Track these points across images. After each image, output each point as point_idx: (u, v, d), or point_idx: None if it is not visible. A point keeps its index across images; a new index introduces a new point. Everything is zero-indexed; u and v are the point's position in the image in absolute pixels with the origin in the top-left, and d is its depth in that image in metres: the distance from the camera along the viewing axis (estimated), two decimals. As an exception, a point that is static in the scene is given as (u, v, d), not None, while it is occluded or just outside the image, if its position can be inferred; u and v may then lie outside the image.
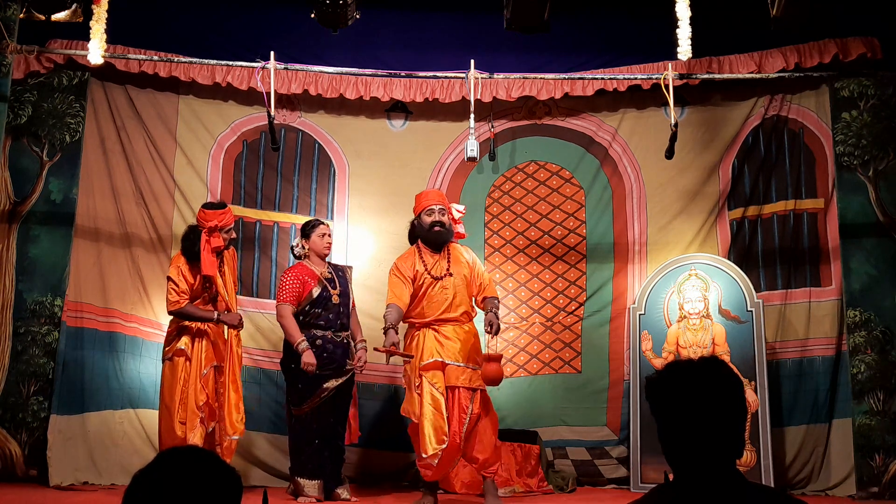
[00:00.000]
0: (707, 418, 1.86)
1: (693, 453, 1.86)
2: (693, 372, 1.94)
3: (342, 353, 5.60)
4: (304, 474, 5.45)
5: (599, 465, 6.42)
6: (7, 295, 6.02)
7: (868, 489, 5.77)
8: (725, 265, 6.37)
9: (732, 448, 1.88)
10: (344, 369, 5.57)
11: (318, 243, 5.71)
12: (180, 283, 5.47)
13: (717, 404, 1.88)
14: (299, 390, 5.51)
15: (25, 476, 5.81)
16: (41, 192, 6.16)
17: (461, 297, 5.41)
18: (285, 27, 6.43)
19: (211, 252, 5.48)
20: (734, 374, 1.95)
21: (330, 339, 5.57)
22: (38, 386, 5.95)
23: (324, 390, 5.48)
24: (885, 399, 5.87)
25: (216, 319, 5.49)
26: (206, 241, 5.48)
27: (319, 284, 5.63)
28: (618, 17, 6.53)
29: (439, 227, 5.47)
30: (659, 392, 1.94)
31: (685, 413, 1.88)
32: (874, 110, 6.16)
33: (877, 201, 6.08)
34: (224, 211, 5.61)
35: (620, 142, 6.85)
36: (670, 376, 1.95)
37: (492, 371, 5.16)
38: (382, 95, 6.58)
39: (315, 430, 5.49)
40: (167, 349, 5.54)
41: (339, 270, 5.84)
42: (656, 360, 6.31)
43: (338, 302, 5.64)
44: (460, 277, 5.43)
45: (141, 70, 6.32)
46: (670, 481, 1.90)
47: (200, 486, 1.62)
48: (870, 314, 5.98)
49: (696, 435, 1.86)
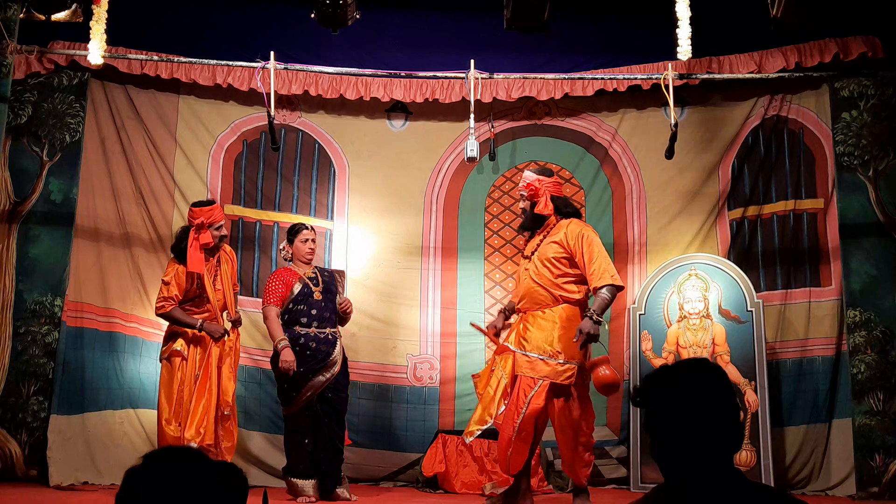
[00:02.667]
0: (697, 417, 1.85)
1: (688, 454, 1.85)
2: (678, 372, 1.93)
3: (327, 348, 5.56)
4: (297, 474, 5.44)
5: (599, 465, 6.41)
6: (7, 295, 6.02)
7: (868, 489, 5.77)
8: (725, 265, 6.37)
9: (728, 445, 1.87)
10: (328, 362, 5.51)
11: (300, 248, 5.72)
12: (171, 288, 5.48)
13: (706, 402, 1.87)
14: (285, 389, 5.51)
15: (25, 476, 5.82)
16: (41, 192, 6.17)
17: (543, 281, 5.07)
18: (285, 27, 6.43)
19: (199, 249, 5.48)
20: (720, 371, 1.95)
21: (314, 335, 5.54)
22: (38, 386, 5.95)
23: (309, 388, 5.45)
24: (885, 399, 5.87)
25: (199, 327, 5.48)
26: (193, 238, 5.48)
27: (300, 282, 5.64)
28: (618, 17, 6.53)
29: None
30: (647, 398, 1.93)
31: (675, 415, 1.87)
32: (874, 110, 6.16)
33: (877, 201, 6.07)
34: (211, 207, 5.61)
35: (620, 142, 6.85)
36: (655, 381, 1.94)
37: (597, 378, 4.86)
38: (382, 96, 6.58)
39: (305, 429, 5.47)
40: (164, 349, 5.56)
41: (326, 273, 5.83)
42: (656, 360, 6.31)
43: (320, 298, 5.62)
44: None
45: (141, 71, 6.32)
46: (665, 483, 1.90)
47: (203, 485, 1.61)
48: (870, 314, 5.98)
49: (689, 435, 1.85)
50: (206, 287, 5.54)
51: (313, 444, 5.47)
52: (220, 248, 5.70)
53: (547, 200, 5.11)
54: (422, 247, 6.81)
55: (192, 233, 5.51)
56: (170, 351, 5.49)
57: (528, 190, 5.17)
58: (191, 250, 5.46)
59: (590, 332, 4.78)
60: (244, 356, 6.31)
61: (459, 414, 6.50)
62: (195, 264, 5.46)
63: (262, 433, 6.33)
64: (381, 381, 6.58)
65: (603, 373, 4.82)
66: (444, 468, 6.01)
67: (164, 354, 5.53)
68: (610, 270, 4.93)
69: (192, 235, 5.49)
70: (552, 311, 4.97)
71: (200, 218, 5.51)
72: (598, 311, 4.83)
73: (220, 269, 5.66)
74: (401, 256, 6.80)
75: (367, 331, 6.65)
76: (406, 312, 6.73)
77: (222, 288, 5.66)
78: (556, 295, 5.00)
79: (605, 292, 4.87)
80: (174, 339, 5.50)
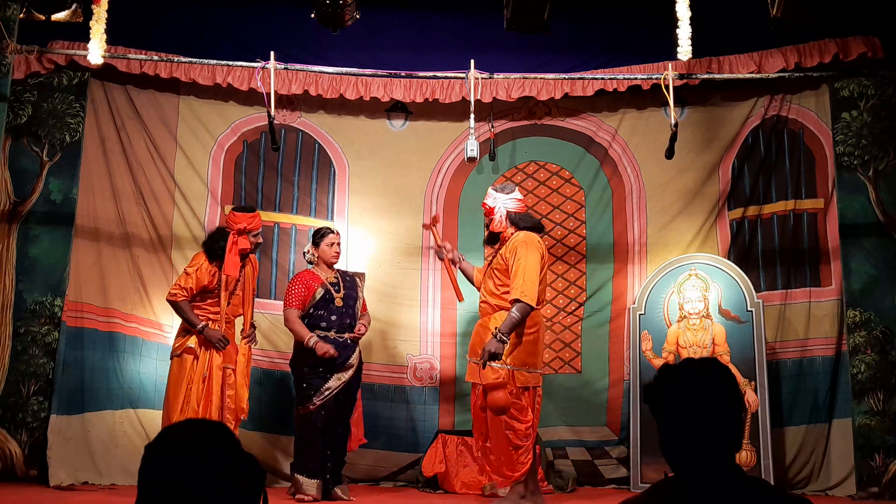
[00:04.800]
0: (705, 414, 1.92)
1: (693, 450, 1.91)
2: (688, 370, 1.99)
3: (346, 352, 5.66)
4: (305, 472, 5.50)
5: (599, 465, 6.42)
6: (7, 295, 6.02)
7: (868, 489, 5.77)
8: (725, 265, 6.37)
9: (731, 442, 1.93)
10: (346, 366, 5.61)
11: (326, 252, 5.80)
12: (190, 280, 5.51)
13: (714, 400, 1.93)
14: (303, 389, 5.60)
15: (25, 476, 5.81)
16: (41, 192, 6.16)
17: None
18: (285, 27, 6.43)
19: (237, 254, 5.55)
20: (728, 371, 2.01)
21: (332, 339, 5.63)
22: (38, 386, 5.95)
23: (327, 389, 5.55)
24: (885, 399, 5.87)
25: (200, 329, 5.50)
26: (233, 243, 5.55)
27: (323, 287, 5.72)
28: (618, 17, 6.53)
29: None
30: (657, 393, 1.98)
31: (684, 411, 1.93)
32: (874, 110, 6.16)
33: (877, 201, 6.07)
34: (253, 215, 5.69)
35: (620, 142, 6.85)
36: (667, 377, 1.99)
37: (491, 398, 5.08)
38: (382, 95, 6.58)
39: (319, 429, 5.54)
40: (176, 346, 5.56)
41: (348, 276, 5.92)
42: (656, 360, 6.31)
43: (341, 304, 5.72)
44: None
45: (141, 70, 6.32)
46: (670, 477, 1.95)
47: (225, 461, 1.59)
48: (870, 314, 5.98)
49: (695, 431, 1.91)
50: (221, 293, 5.56)
51: (324, 445, 5.55)
52: (250, 256, 5.74)
53: (502, 218, 5.30)
54: (422, 247, 6.80)
55: (231, 236, 5.56)
56: (183, 347, 5.49)
57: (484, 208, 5.45)
58: (229, 255, 5.53)
59: (489, 351, 4.95)
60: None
61: (459, 414, 6.51)
62: (232, 268, 5.53)
63: (262, 433, 6.32)
64: (381, 381, 6.58)
65: (499, 395, 5.00)
66: (444, 468, 6.01)
67: (177, 351, 5.52)
68: (523, 287, 5.02)
69: (232, 239, 5.55)
70: (492, 319, 5.17)
71: (242, 223, 5.58)
72: (503, 330, 4.98)
73: (245, 277, 5.71)
74: (401, 256, 6.80)
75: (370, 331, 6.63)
76: (406, 312, 6.73)
77: (242, 294, 5.70)
78: (494, 304, 5.22)
79: (515, 310, 5.02)
80: (188, 335, 5.51)
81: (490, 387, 5.03)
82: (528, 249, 5.12)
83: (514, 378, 5.06)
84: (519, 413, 5.08)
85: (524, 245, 5.14)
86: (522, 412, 5.09)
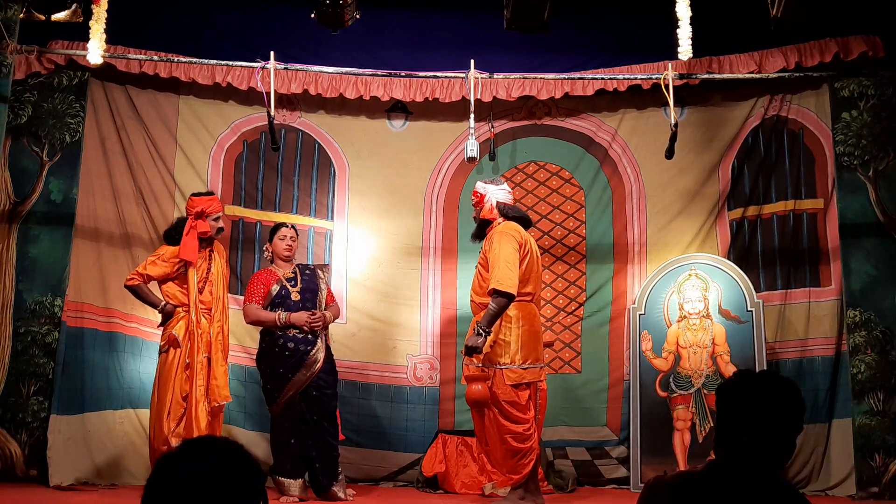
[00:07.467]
0: (783, 427, 2.12)
1: (759, 454, 2.09)
2: (778, 385, 2.18)
3: (306, 347, 5.56)
4: (283, 473, 5.48)
5: (599, 465, 6.42)
6: (7, 295, 6.02)
7: (868, 489, 5.77)
8: (725, 265, 6.37)
9: (788, 454, 2.16)
10: (308, 361, 5.52)
11: (278, 246, 5.76)
12: (149, 266, 5.49)
13: (793, 417, 2.14)
14: (268, 391, 5.58)
15: (25, 476, 5.81)
16: (41, 192, 6.16)
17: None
18: (285, 27, 6.43)
19: (194, 238, 5.47)
20: (801, 394, 2.19)
21: (291, 336, 5.56)
22: (38, 386, 5.95)
23: (291, 387, 5.48)
24: (885, 399, 5.87)
25: (160, 308, 5.50)
26: (191, 227, 5.48)
27: (278, 284, 5.68)
28: (618, 17, 6.53)
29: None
30: (734, 398, 2.16)
31: (769, 419, 2.10)
32: (874, 110, 6.16)
33: (877, 201, 6.08)
34: (211, 198, 5.65)
35: (620, 142, 6.85)
36: (758, 385, 2.17)
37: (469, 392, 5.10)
38: (382, 95, 6.58)
39: (289, 429, 5.50)
40: (162, 343, 5.54)
41: (308, 270, 5.84)
42: (656, 360, 6.31)
43: (298, 299, 5.65)
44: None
45: (141, 70, 6.33)
46: (698, 470, 2.11)
47: (226, 477, 1.62)
48: (870, 314, 5.98)
49: (769, 440, 2.10)
50: (189, 278, 5.45)
51: (300, 444, 5.50)
52: (215, 243, 5.68)
53: (492, 207, 5.28)
54: (422, 247, 6.80)
55: (189, 220, 5.51)
56: (167, 337, 5.44)
57: (474, 197, 5.40)
58: (186, 237, 5.45)
59: (467, 345, 4.93)
60: (243, 356, 6.32)
61: (459, 414, 6.50)
62: (188, 252, 5.43)
63: (261, 433, 6.31)
64: (381, 381, 6.58)
65: (475, 388, 4.97)
66: (444, 468, 6.01)
67: (164, 347, 5.49)
68: (499, 276, 4.92)
69: (190, 223, 5.49)
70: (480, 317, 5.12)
71: (199, 206, 5.53)
72: (483, 323, 4.91)
73: (212, 265, 5.60)
74: (401, 257, 6.80)
75: (367, 331, 6.65)
76: (406, 313, 6.72)
77: (214, 284, 5.55)
78: (479, 302, 5.17)
79: (492, 302, 4.94)
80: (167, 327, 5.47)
81: (468, 378, 5.02)
82: (503, 237, 5.09)
83: (503, 376, 5.01)
84: (517, 412, 5.03)
85: (499, 234, 5.14)
86: (521, 410, 5.04)
